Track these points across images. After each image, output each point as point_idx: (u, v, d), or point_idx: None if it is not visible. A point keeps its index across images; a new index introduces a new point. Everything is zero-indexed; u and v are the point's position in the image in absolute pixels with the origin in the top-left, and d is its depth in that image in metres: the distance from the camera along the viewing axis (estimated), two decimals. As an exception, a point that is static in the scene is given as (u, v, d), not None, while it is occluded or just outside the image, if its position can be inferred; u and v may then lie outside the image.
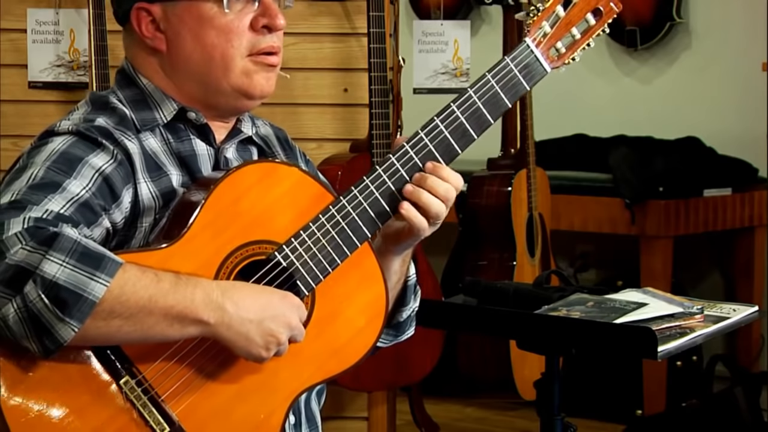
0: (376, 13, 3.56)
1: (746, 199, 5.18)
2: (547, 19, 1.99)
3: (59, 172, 1.81)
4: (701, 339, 2.41)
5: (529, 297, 2.66)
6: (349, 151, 3.70)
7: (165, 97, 1.97)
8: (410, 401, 4.59)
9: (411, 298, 2.11)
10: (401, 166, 1.93)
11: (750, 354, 5.26)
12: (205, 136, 2.00)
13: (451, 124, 1.95)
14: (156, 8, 1.95)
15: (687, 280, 5.34)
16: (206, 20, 1.93)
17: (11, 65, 3.68)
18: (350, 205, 1.90)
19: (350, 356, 1.93)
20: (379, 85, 3.58)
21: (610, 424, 4.88)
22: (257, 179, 1.89)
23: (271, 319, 1.79)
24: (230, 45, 1.93)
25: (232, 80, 1.95)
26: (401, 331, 2.13)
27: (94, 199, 1.81)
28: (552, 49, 2.00)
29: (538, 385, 2.59)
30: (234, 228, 1.85)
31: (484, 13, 6.24)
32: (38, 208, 1.73)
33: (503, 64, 1.97)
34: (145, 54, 1.99)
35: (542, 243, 4.70)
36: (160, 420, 1.79)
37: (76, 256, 1.67)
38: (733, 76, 5.56)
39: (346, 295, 1.93)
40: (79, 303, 1.66)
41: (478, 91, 1.96)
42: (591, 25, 2.03)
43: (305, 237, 1.88)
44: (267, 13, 1.95)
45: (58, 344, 1.68)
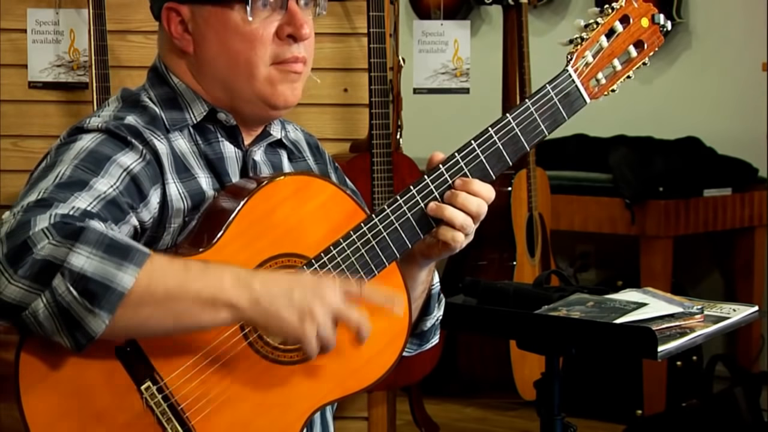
0: (376, 13, 3.57)
1: (746, 199, 5.18)
2: (591, 49, 1.99)
3: (87, 171, 1.80)
4: (701, 339, 2.41)
5: (529, 297, 2.66)
6: (349, 151, 3.70)
7: (196, 98, 1.96)
8: (410, 401, 4.59)
9: (435, 307, 2.10)
10: (435, 187, 1.92)
11: (750, 354, 5.26)
12: (234, 138, 1.98)
13: (489, 148, 1.94)
14: (185, 9, 1.94)
15: (687, 280, 5.34)
16: (231, 27, 1.91)
17: (11, 65, 3.68)
18: (382, 224, 1.89)
19: (370, 375, 1.93)
20: (379, 85, 3.58)
21: (610, 424, 4.88)
22: (292, 192, 1.88)
23: (301, 293, 1.75)
24: (254, 53, 1.91)
25: (256, 88, 1.93)
26: (425, 340, 2.12)
27: (122, 198, 1.80)
28: (593, 80, 2.00)
29: (538, 385, 2.59)
30: (266, 239, 1.85)
31: (484, 13, 6.24)
32: (65, 205, 1.72)
33: (544, 92, 1.96)
34: (174, 54, 1.97)
35: (542, 243, 4.70)
36: (178, 428, 1.79)
37: (102, 247, 1.66)
38: (733, 76, 5.56)
39: (370, 314, 1.89)
40: (108, 294, 1.65)
41: (517, 117, 1.95)
42: (632, 57, 2.03)
43: (335, 253, 1.87)
44: (293, 23, 1.92)
45: (89, 337, 1.67)
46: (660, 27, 2.06)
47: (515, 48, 4.72)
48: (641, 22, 2.03)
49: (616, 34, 2.01)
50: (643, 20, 2.04)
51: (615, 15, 2.01)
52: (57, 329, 1.66)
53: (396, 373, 2.01)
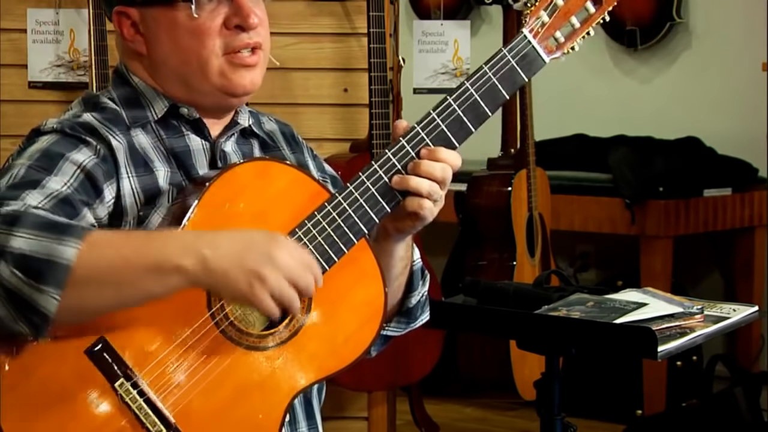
0: (376, 13, 3.56)
1: (746, 199, 5.18)
2: (545, 9, 1.97)
3: (39, 170, 1.81)
4: (701, 339, 2.41)
5: (529, 297, 2.66)
6: (349, 151, 3.70)
7: (156, 95, 1.98)
8: (410, 401, 4.59)
9: (419, 283, 2.09)
10: (397, 160, 1.91)
11: (750, 354, 5.25)
12: (199, 131, 1.99)
13: (449, 117, 1.93)
14: (133, 12, 1.96)
15: (687, 280, 5.34)
16: (179, 24, 1.93)
17: (11, 65, 3.68)
18: (346, 201, 1.88)
19: (349, 354, 1.91)
20: (379, 85, 3.58)
21: (610, 424, 4.88)
22: (252, 177, 1.88)
23: (251, 255, 1.72)
24: (203, 47, 1.93)
25: (211, 81, 1.94)
26: (413, 318, 2.10)
27: (76, 195, 1.81)
28: (551, 39, 1.98)
29: (538, 385, 2.59)
30: (229, 226, 1.84)
31: (484, 13, 6.24)
32: (15, 202, 1.72)
33: (500, 56, 1.96)
34: (131, 55, 2.00)
35: (542, 243, 4.70)
36: (156, 422, 1.78)
37: (41, 227, 1.66)
38: (733, 76, 5.56)
39: (344, 293, 1.91)
40: (52, 269, 1.65)
41: (475, 83, 1.95)
42: (591, 13, 2.00)
43: (301, 234, 1.86)
44: (239, 13, 1.93)
45: (44, 318, 1.66)
46: None
47: (515, 48, 4.71)
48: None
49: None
50: None
51: None
52: (11, 315, 1.66)
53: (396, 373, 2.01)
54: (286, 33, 3.63)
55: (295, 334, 1.88)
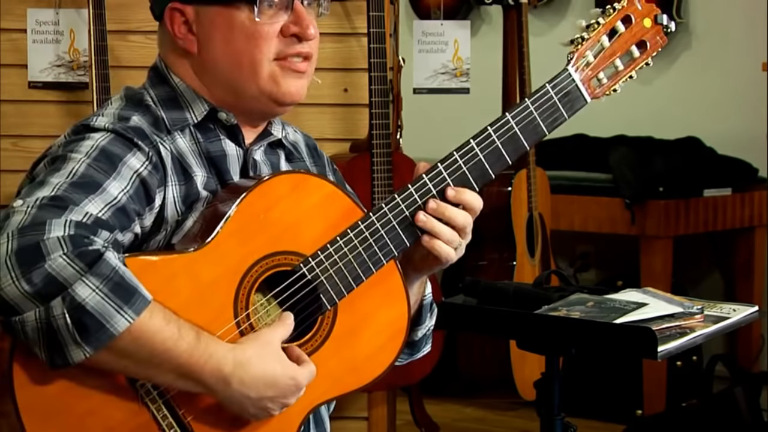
0: (376, 13, 3.56)
1: (746, 199, 5.18)
2: (591, 49, 1.98)
3: (100, 171, 1.80)
4: (701, 339, 2.41)
5: (529, 297, 2.66)
6: (349, 151, 3.70)
7: (196, 97, 1.96)
8: (410, 401, 4.59)
9: (427, 317, 2.10)
10: (433, 186, 1.92)
11: (750, 354, 5.26)
12: (234, 137, 1.98)
13: (487, 147, 1.94)
14: (189, 9, 1.94)
15: (687, 280, 5.34)
16: (237, 26, 1.92)
17: (11, 65, 3.68)
18: (379, 222, 1.89)
19: (368, 374, 1.93)
20: (379, 85, 3.58)
21: (610, 424, 4.88)
22: (288, 190, 1.88)
23: (270, 399, 1.80)
24: (258, 50, 1.92)
25: (260, 85, 1.93)
26: (417, 350, 2.13)
27: (131, 204, 1.81)
28: (594, 79, 1.99)
29: (538, 385, 2.59)
30: (262, 237, 1.85)
31: (484, 13, 6.24)
32: (78, 209, 1.72)
33: (543, 91, 1.96)
34: (177, 54, 1.97)
35: (542, 243, 4.70)
36: (173, 424, 1.79)
37: (110, 285, 1.67)
38: (733, 76, 5.56)
39: (369, 312, 1.92)
40: (100, 332, 1.66)
41: (516, 116, 1.95)
42: (635, 57, 2.02)
43: (332, 251, 1.87)
44: (298, 23, 1.93)
45: (66, 363, 1.68)
46: (663, 27, 2.04)
47: (515, 48, 4.72)
48: (644, 23, 2.02)
49: (618, 34, 2.00)
50: (646, 20, 2.03)
51: (617, 15, 2.01)
52: (38, 343, 1.67)
53: (396, 373, 2.01)
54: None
55: (317, 349, 1.89)
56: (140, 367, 1.73)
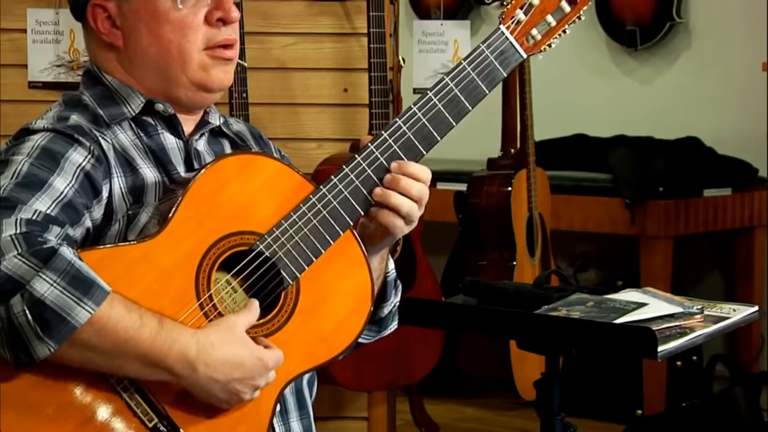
0: (376, 13, 3.56)
1: (746, 199, 5.18)
2: (521, 7, 2.02)
3: (43, 168, 1.82)
4: (701, 339, 2.41)
5: (529, 297, 2.66)
6: (349, 151, 3.69)
7: (131, 92, 1.99)
8: (410, 401, 4.59)
9: (392, 294, 2.11)
10: (380, 153, 1.95)
11: (750, 354, 5.26)
12: (174, 129, 2.01)
13: (429, 111, 1.97)
14: (111, 4, 1.96)
15: (687, 280, 5.34)
16: (161, 15, 1.94)
17: (11, 65, 3.68)
18: (330, 194, 1.91)
19: (338, 343, 1.94)
20: (379, 85, 3.58)
21: (610, 424, 4.88)
22: (236, 171, 1.89)
23: (238, 381, 1.80)
24: (186, 40, 1.95)
25: (189, 74, 1.96)
26: (384, 327, 2.13)
27: (77, 198, 1.83)
28: (527, 36, 2.02)
29: (538, 385, 2.59)
30: (215, 220, 1.86)
31: (484, 13, 6.24)
32: (27, 207, 1.74)
33: (478, 51, 2.00)
34: (104, 50, 2.00)
35: (542, 243, 4.70)
36: (148, 410, 1.80)
37: (67, 278, 1.69)
38: (733, 76, 5.56)
39: (331, 283, 1.93)
40: (61, 325, 1.68)
41: (455, 78, 1.98)
42: (566, 12, 2.05)
43: (287, 226, 1.89)
44: (221, 6, 1.96)
45: (31, 360, 1.69)
46: None
47: (515, 48, 4.71)
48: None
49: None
50: None
51: None
52: (2, 343, 1.68)
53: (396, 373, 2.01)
54: (286, 33, 3.63)
55: (284, 324, 1.89)
56: (105, 359, 1.73)
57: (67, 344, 1.69)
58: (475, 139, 5.56)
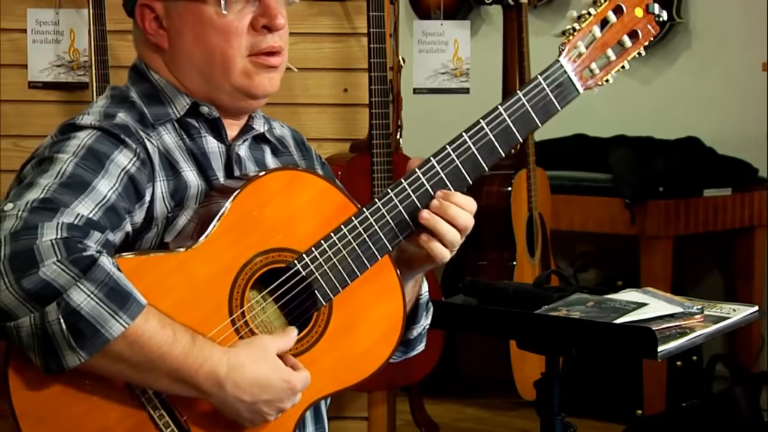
0: (376, 13, 3.56)
1: (746, 199, 5.18)
2: (583, 39, 1.98)
3: (87, 169, 1.80)
4: (701, 339, 2.41)
5: (529, 297, 2.66)
6: (349, 151, 3.70)
7: (177, 92, 1.97)
8: (410, 401, 4.59)
9: (422, 316, 2.10)
10: (426, 180, 1.92)
11: (750, 354, 5.25)
12: (217, 132, 1.99)
13: (480, 140, 1.93)
14: (158, 5, 1.95)
15: (687, 280, 5.34)
16: (206, 20, 1.92)
17: (11, 65, 3.68)
18: (373, 218, 1.89)
19: (365, 368, 1.92)
20: (379, 85, 3.58)
21: (610, 424, 4.88)
22: (281, 187, 1.88)
23: (264, 403, 1.80)
24: (230, 45, 1.92)
25: (233, 80, 1.94)
26: (411, 348, 2.12)
27: (120, 202, 1.81)
28: (586, 70, 1.98)
29: (538, 385, 2.59)
30: (255, 234, 1.85)
31: (484, 13, 6.24)
32: (69, 211, 1.72)
33: (535, 83, 1.96)
34: (150, 50, 1.98)
35: (542, 243, 4.70)
36: (170, 423, 1.79)
37: (105, 290, 1.67)
38: (733, 76, 5.56)
39: (364, 307, 1.92)
40: (95, 337, 1.67)
41: (509, 108, 1.94)
42: (627, 47, 2.01)
43: (326, 247, 1.87)
44: (267, 13, 1.94)
45: (61, 368, 1.68)
46: (655, 16, 2.03)
47: (515, 48, 4.72)
48: (635, 12, 2.02)
49: (610, 25, 2.00)
50: (637, 10, 2.02)
51: (608, 5, 2.00)
52: (33, 349, 1.67)
53: (396, 373, 2.01)
54: (286, 33, 3.62)
55: (313, 345, 1.89)
56: (135, 372, 1.72)
57: (98, 355, 1.68)
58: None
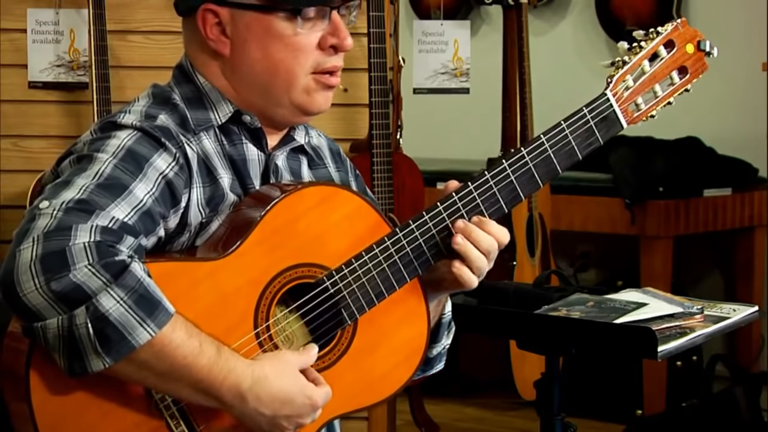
0: (376, 13, 3.57)
1: (746, 199, 5.18)
2: (632, 74, 1.95)
3: (126, 171, 1.78)
4: (701, 339, 2.41)
5: (529, 297, 2.66)
6: (349, 151, 3.70)
7: (221, 99, 1.94)
8: (410, 401, 4.59)
9: (444, 335, 2.09)
10: (462, 206, 1.90)
11: (750, 354, 5.26)
12: (257, 141, 1.97)
13: (519, 169, 1.92)
14: (224, 12, 1.90)
15: (687, 280, 5.34)
16: (275, 34, 1.89)
17: (11, 65, 3.68)
18: (405, 239, 1.88)
19: (382, 391, 1.93)
20: (379, 85, 3.58)
21: (610, 424, 4.88)
22: (317, 202, 1.87)
23: (285, 418, 1.79)
24: (297, 62, 1.90)
25: (293, 96, 1.92)
26: (430, 366, 2.12)
27: (156, 207, 1.79)
28: (631, 104, 1.96)
29: (538, 385, 2.59)
30: (287, 248, 1.84)
31: (484, 13, 6.24)
32: (105, 214, 1.71)
33: (580, 115, 1.94)
34: (206, 54, 1.94)
35: (542, 243, 4.70)
36: (186, 431, 1.79)
37: (134, 297, 1.66)
38: (733, 76, 5.56)
39: (388, 330, 1.91)
40: (121, 344, 1.66)
41: (551, 139, 1.93)
42: (675, 83, 1.98)
43: (356, 266, 1.86)
44: (337, 34, 1.92)
45: (85, 371, 1.68)
46: (705, 54, 2.00)
47: (515, 48, 4.72)
48: (686, 48, 1.98)
49: (660, 60, 1.97)
50: (689, 46, 1.98)
51: (660, 40, 1.97)
52: (58, 350, 1.67)
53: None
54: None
55: (335, 362, 1.88)
56: (159, 380, 1.72)
57: (123, 362, 1.68)
58: (475, 139, 5.56)
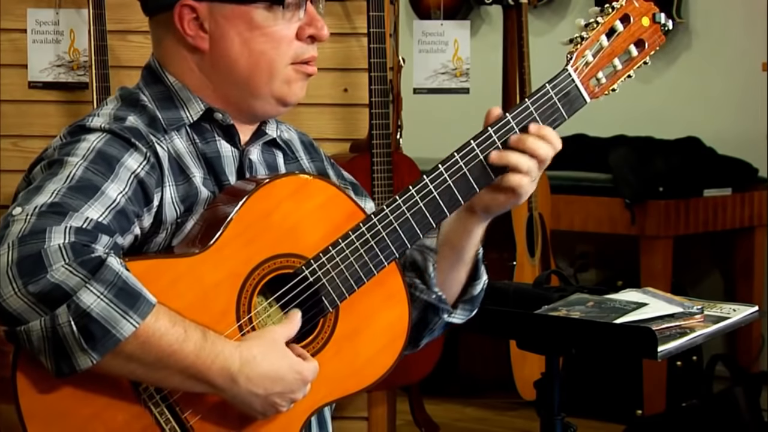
0: (376, 13, 3.56)
1: (746, 199, 5.18)
2: (591, 49, 1.98)
3: (97, 173, 1.79)
4: (701, 339, 2.41)
5: (529, 297, 2.66)
6: (349, 151, 3.70)
7: (192, 96, 1.95)
8: (410, 401, 4.59)
9: (482, 271, 2.10)
10: (434, 188, 1.91)
11: (750, 354, 5.26)
12: (230, 138, 1.97)
13: (487, 149, 1.93)
14: (202, 7, 1.91)
15: (687, 280, 5.34)
16: (256, 26, 1.91)
17: (11, 65, 3.68)
18: (381, 224, 1.89)
19: (368, 376, 1.94)
20: (379, 85, 3.58)
21: (610, 424, 4.88)
22: (291, 192, 1.88)
23: (278, 395, 1.80)
24: (278, 53, 1.92)
25: (273, 87, 1.93)
26: (475, 305, 2.11)
27: (129, 206, 1.80)
28: (593, 79, 1.99)
29: (538, 385, 2.60)
30: (264, 240, 1.85)
31: (484, 13, 6.24)
32: (78, 215, 1.71)
33: (543, 92, 1.96)
34: (181, 51, 1.94)
35: (542, 243, 4.70)
36: (176, 428, 1.79)
37: (114, 290, 1.67)
38: (733, 76, 5.56)
39: (370, 314, 1.92)
40: (106, 338, 1.66)
41: (516, 116, 1.94)
42: (633, 56, 2.02)
43: (333, 253, 1.87)
44: (314, 24, 1.94)
45: (73, 370, 1.68)
46: (661, 26, 2.04)
47: (515, 48, 4.72)
48: (642, 21, 2.02)
49: (617, 34, 2.00)
50: (644, 19, 2.02)
51: (615, 14, 2.01)
52: (44, 352, 1.67)
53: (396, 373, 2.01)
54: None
55: (319, 351, 1.89)
56: (148, 371, 1.72)
57: (110, 356, 1.68)
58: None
